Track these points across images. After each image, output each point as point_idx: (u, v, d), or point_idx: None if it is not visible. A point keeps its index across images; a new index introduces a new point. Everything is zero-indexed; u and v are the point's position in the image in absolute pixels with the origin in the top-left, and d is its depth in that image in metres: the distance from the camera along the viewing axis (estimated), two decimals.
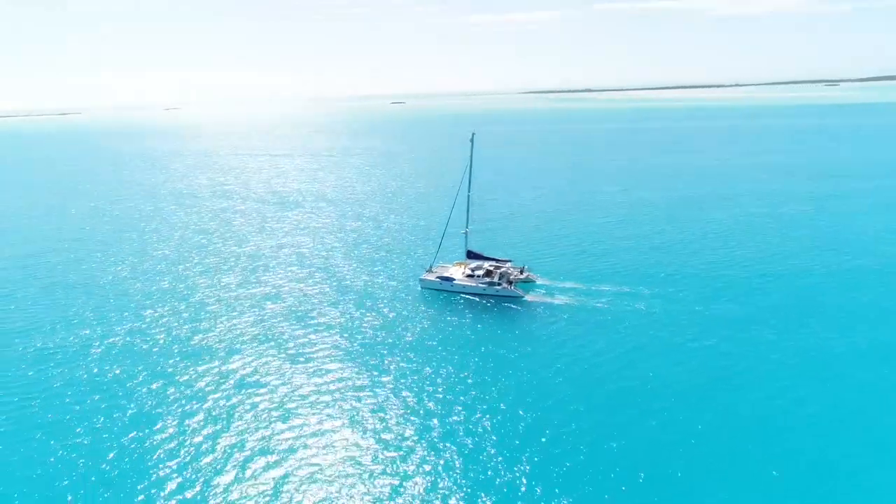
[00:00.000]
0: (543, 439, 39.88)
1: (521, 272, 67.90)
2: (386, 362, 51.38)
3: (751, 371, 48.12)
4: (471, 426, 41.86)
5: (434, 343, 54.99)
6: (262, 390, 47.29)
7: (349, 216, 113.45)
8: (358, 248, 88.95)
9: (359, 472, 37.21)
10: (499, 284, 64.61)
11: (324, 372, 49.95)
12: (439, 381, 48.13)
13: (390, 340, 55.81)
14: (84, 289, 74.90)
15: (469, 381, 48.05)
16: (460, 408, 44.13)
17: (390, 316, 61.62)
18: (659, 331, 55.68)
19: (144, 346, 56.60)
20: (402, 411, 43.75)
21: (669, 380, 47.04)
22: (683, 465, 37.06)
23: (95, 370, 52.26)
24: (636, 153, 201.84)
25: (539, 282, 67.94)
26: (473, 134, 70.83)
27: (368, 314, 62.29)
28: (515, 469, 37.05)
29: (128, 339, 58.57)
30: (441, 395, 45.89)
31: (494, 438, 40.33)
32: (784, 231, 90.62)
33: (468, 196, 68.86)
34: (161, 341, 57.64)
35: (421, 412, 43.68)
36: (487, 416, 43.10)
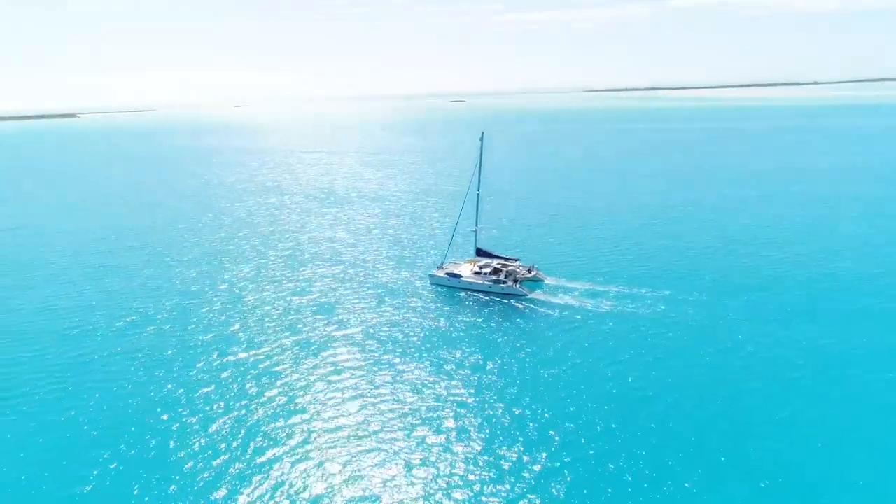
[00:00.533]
0: (535, 443, 40.07)
1: (529, 271, 68.73)
2: (388, 355, 53.28)
3: (769, 384, 45.89)
4: (457, 422, 43.21)
5: (433, 338, 56.71)
6: (278, 379, 49.65)
7: (389, 213, 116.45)
8: (390, 245, 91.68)
9: (363, 461, 38.40)
10: (504, 282, 65.74)
11: (331, 364, 51.92)
12: (433, 376, 49.71)
13: (395, 334, 57.71)
14: (128, 275, 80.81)
15: (457, 376, 49.59)
16: (451, 405, 45.47)
17: (399, 310, 63.61)
18: (664, 335, 55.05)
19: (178, 333, 60.38)
20: (397, 405, 45.19)
21: (670, 385, 46.23)
22: (689, 475, 36.10)
23: (130, 348, 56.77)
24: (693, 153, 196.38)
25: (548, 281, 68.50)
26: (483, 133, 72.09)
27: (382, 308, 64.41)
28: (515, 470, 37.28)
29: (163, 326, 62.47)
30: (433, 391, 47.40)
31: (476, 435, 41.56)
32: (841, 237, 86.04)
33: (478, 195, 70.19)
34: (192, 328, 61.37)
35: (412, 409, 45.18)
36: (470, 411, 44.50)
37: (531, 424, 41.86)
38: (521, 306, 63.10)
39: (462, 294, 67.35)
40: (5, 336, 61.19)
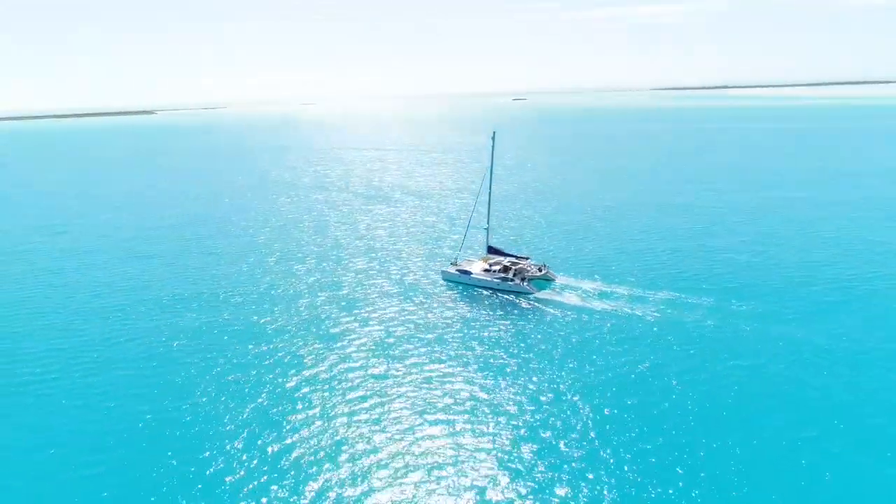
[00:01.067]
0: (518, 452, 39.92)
1: (540, 269, 69.31)
2: (393, 349, 54.81)
3: (799, 403, 43.71)
4: (440, 416, 44.79)
5: (431, 333, 58.16)
6: (297, 369, 51.34)
7: (430, 210, 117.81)
8: (424, 241, 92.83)
9: (370, 456, 39.42)
10: (511, 280, 66.64)
11: (346, 358, 53.37)
12: (424, 371, 51.21)
13: (403, 330, 59.29)
14: (170, 263, 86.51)
15: (447, 371, 51.00)
16: (440, 401, 47.00)
17: (417, 306, 65.22)
18: (675, 340, 54.11)
19: (213, 320, 63.33)
20: (393, 399, 46.75)
21: (674, 394, 45.34)
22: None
23: (163, 334, 60.80)
24: (758, 154, 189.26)
25: (559, 280, 68.88)
26: (494, 133, 73.09)
27: (398, 304, 65.86)
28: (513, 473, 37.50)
29: (199, 313, 65.88)
30: (422, 385, 49.06)
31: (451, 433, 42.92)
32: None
33: (489, 194, 71.31)
34: (225, 317, 64.13)
35: (404, 400, 47.10)
36: (462, 407, 45.91)
37: (522, 424, 42.64)
38: (524, 304, 63.95)
39: (472, 290, 68.72)
40: (48, 317, 67.09)
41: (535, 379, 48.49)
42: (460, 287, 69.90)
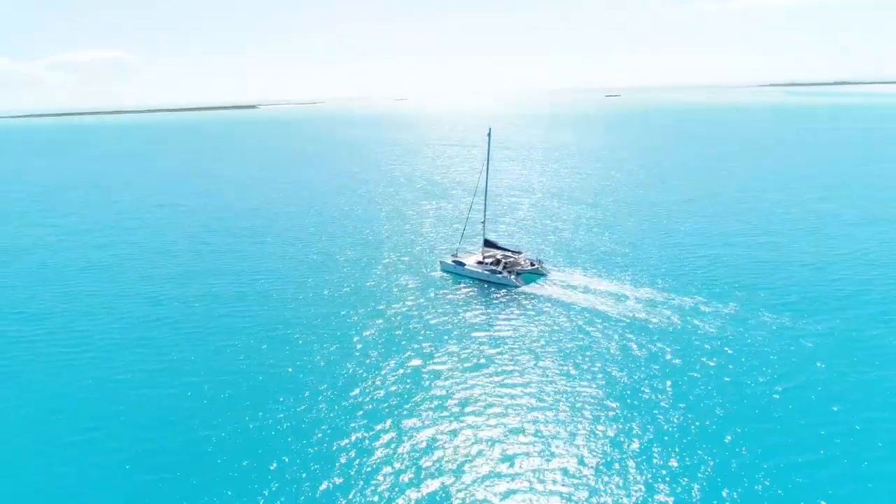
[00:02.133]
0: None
1: (532, 264, 71.37)
2: (387, 334, 58.33)
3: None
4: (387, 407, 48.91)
5: (421, 318, 62.14)
6: (303, 354, 54.83)
7: (478, 208, 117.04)
8: (452, 234, 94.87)
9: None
10: (500, 273, 69.23)
11: (339, 342, 57.14)
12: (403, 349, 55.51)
13: (392, 311, 63.97)
14: (222, 253, 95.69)
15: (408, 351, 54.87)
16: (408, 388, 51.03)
17: (405, 291, 70.01)
18: (643, 336, 54.86)
19: (241, 309, 66.73)
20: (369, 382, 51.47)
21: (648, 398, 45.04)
22: None
23: (187, 321, 65.61)
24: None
25: (552, 276, 70.72)
26: (490, 129, 75.50)
27: (393, 289, 70.57)
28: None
29: (231, 301, 69.85)
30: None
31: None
32: None
33: (486, 188, 74.01)
34: (250, 305, 67.92)
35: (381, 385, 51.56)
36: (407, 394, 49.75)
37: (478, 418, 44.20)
38: (508, 296, 66.47)
39: (464, 281, 72.14)
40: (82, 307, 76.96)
41: (502, 367, 50.61)
42: (454, 277, 73.40)
